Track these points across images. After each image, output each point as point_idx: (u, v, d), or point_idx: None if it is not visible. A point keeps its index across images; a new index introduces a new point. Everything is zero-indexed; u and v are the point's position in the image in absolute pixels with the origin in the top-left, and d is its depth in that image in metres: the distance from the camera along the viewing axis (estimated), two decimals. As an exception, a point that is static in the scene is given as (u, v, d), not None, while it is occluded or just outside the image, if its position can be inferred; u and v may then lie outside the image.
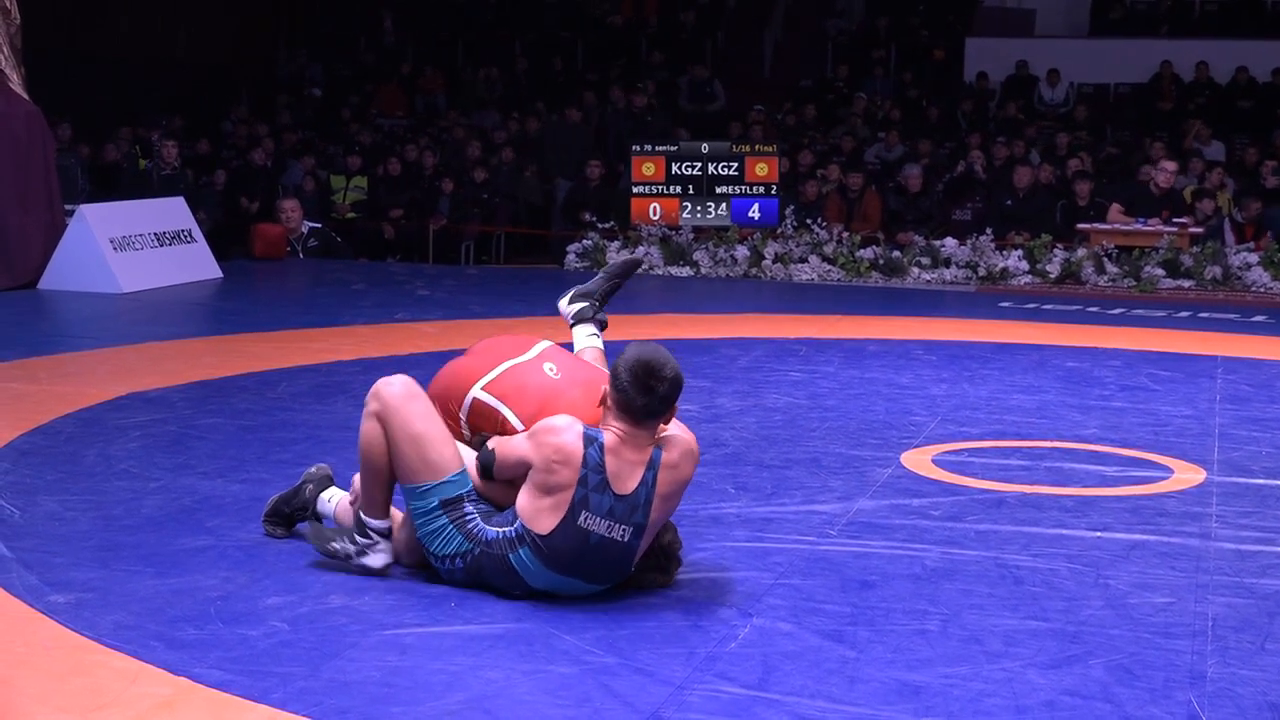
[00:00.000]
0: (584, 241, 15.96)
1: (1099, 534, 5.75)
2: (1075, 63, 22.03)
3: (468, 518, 4.81)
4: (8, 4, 12.92)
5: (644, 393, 4.69)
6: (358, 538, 5.00)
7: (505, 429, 5.03)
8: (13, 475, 6.29)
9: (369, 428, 4.98)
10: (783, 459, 6.93)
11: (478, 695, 4.02)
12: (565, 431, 4.71)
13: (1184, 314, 12.84)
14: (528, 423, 4.95)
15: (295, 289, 13.64)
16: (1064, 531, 5.75)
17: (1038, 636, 4.58)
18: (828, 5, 24.76)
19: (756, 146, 16.36)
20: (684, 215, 15.97)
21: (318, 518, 5.36)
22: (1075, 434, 7.65)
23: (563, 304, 5.88)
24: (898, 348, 10.38)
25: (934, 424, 7.81)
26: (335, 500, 5.35)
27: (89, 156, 18.12)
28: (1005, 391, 8.81)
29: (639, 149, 16.25)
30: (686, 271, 15.40)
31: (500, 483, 4.89)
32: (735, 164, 15.96)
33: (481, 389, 5.12)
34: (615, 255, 15.66)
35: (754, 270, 15.27)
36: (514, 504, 4.78)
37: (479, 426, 5.11)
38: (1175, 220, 15.14)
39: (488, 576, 4.81)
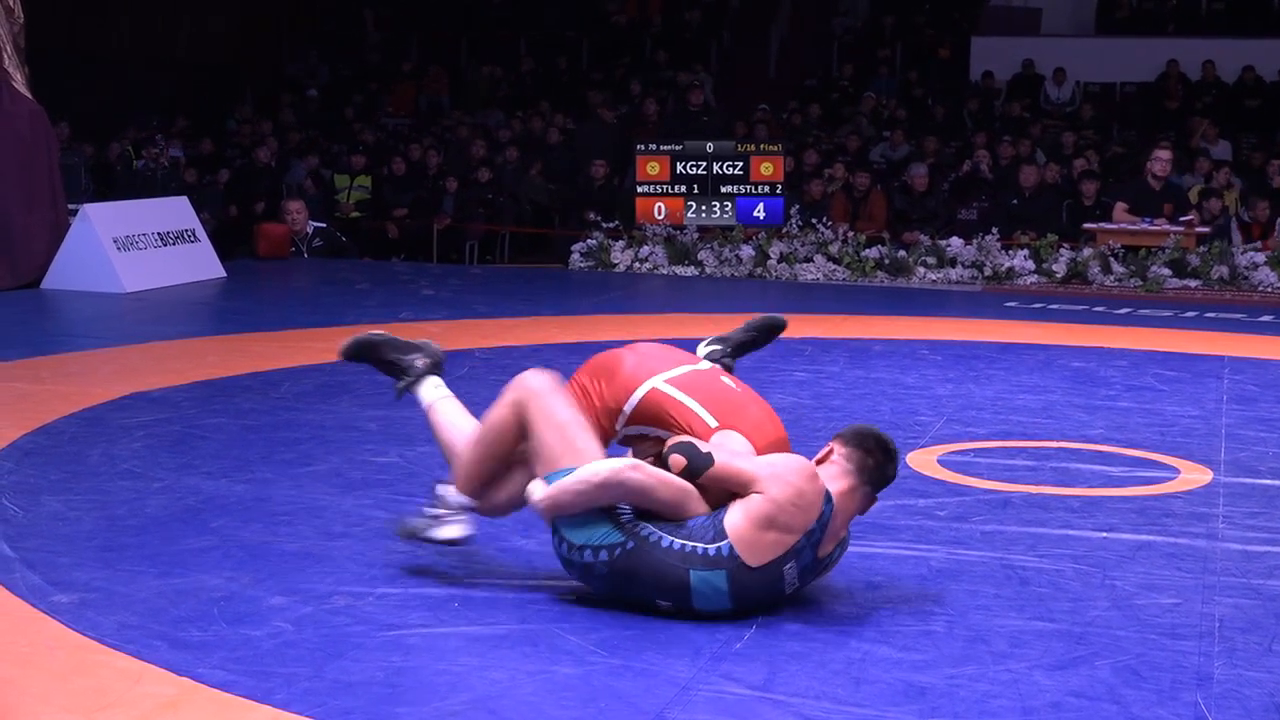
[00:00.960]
0: (588, 241, 15.94)
1: (1105, 535, 5.73)
2: (1081, 62, 22.00)
3: (621, 511, 4.68)
4: (11, 3, 12.92)
5: (893, 466, 4.79)
6: (435, 509, 4.98)
7: (688, 425, 4.86)
8: (16, 475, 6.28)
9: (503, 414, 4.92)
10: (788, 459, 6.89)
11: (482, 696, 4.02)
12: (813, 480, 4.62)
13: (1191, 314, 12.81)
14: (721, 421, 4.87)
15: (299, 288, 13.64)
16: (1070, 532, 5.74)
17: (1044, 637, 4.57)
18: (833, 4, 24.72)
19: (761, 146, 16.36)
20: (689, 215, 15.96)
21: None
22: (1081, 434, 7.63)
23: (701, 347, 5.85)
24: (903, 347, 10.36)
25: (939, 424, 7.79)
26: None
27: (92, 156, 18.13)
28: (1011, 391, 8.79)
29: (644, 148, 16.23)
30: (691, 271, 15.38)
31: (675, 488, 4.70)
32: (740, 163, 15.95)
33: (665, 381, 4.98)
34: (620, 255, 15.64)
35: (759, 270, 15.25)
36: (681, 516, 4.66)
37: (653, 419, 4.94)
38: (1181, 219, 15.10)
39: (635, 578, 4.62)
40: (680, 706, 3.98)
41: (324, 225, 15.77)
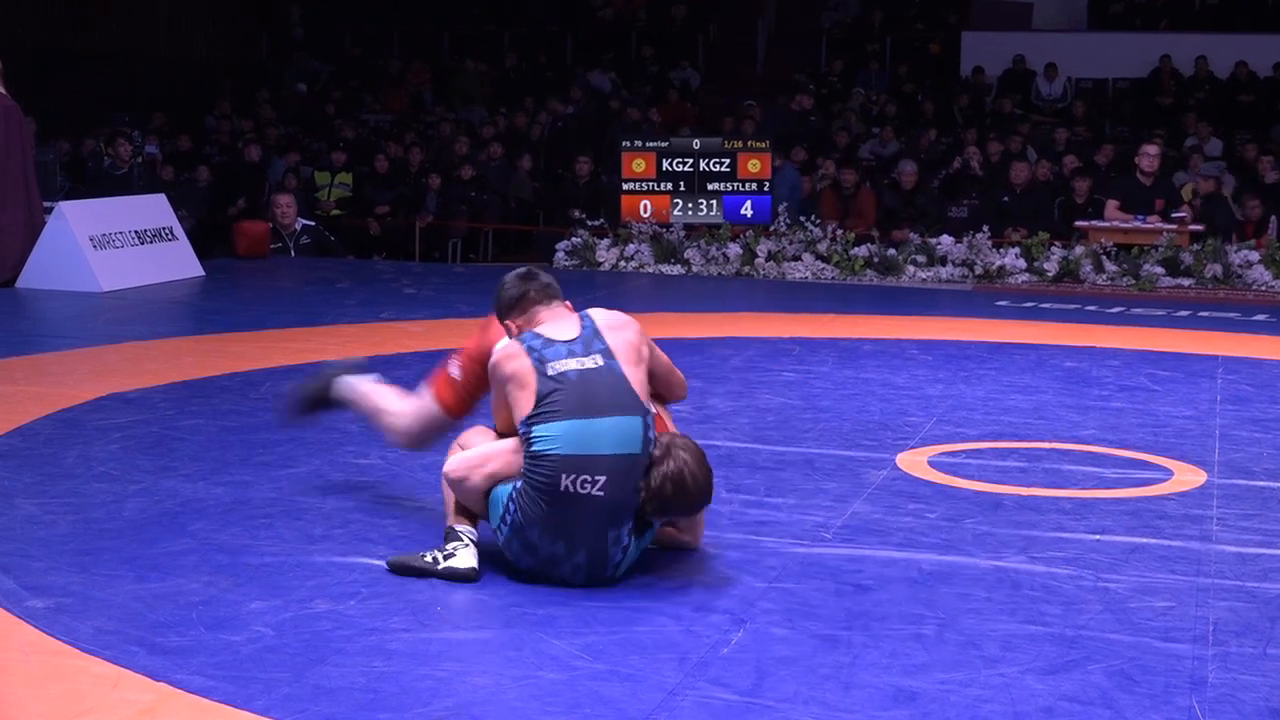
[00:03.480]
0: (573, 239, 15.86)
1: (1098, 537, 5.69)
2: (1073, 57, 21.98)
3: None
4: None
5: (520, 283, 5.27)
6: (445, 546, 5.04)
7: None
8: (-9, 478, 6.23)
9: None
10: (776, 460, 6.86)
11: (465, 702, 3.98)
12: (496, 350, 5.14)
13: (1184, 313, 12.78)
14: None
15: (279, 288, 13.55)
16: (1062, 534, 5.70)
17: (1036, 641, 4.53)
18: (821, -3, 24.72)
19: (749, 142, 16.28)
20: (675, 212, 15.90)
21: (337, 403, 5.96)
22: (1073, 435, 7.58)
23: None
24: (893, 347, 10.32)
25: (930, 425, 7.75)
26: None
27: (68, 153, 18.04)
28: (1002, 392, 8.74)
29: (629, 145, 16.17)
30: (678, 270, 15.32)
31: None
32: (727, 160, 15.90)
33: None
34: (605, 253, 15.59)
35: (746, 268, 15.19)
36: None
37: None
38: (1174, 215, 15.07)
39: (536, 504, 4.87)
40: (667, 712, 3.94)
41: (313, 223, 15.69)
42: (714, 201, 15.91)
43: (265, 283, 13.74)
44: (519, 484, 4.88)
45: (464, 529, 5.05)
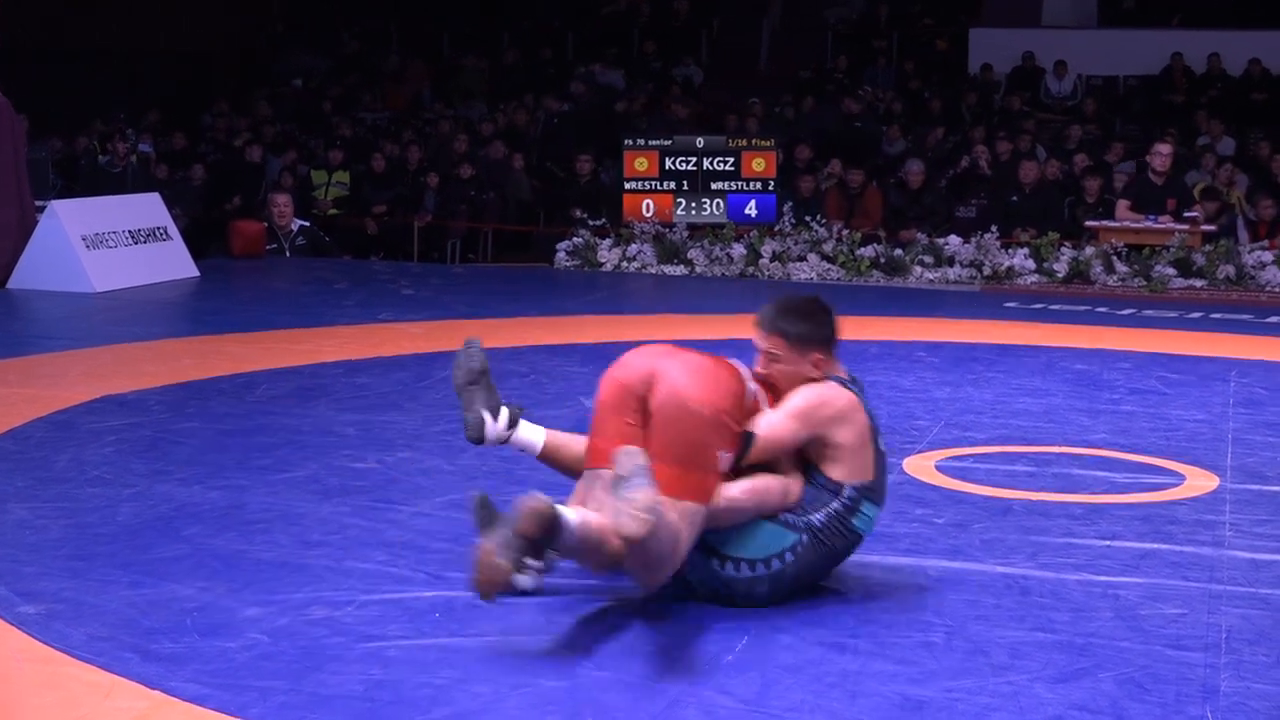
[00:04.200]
0: (574, 239, 15.80)
1: (1108, 543, 5.64)
2: (1083, 54, 21.90)
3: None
4: None
5: (833, 315, 5.08)
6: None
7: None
8: (-18, 481, 6.19)
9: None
10: (783, 463, 6.79)
11: (464, 710, 3.93)
12: (835, 394, 4.90)
13: (1196, 315, 12.73)
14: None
15: (275, 288, 13.50)
16: (1072, 540, 5.64)
17: (1045, 649, 4.48)
18: (827, -8, 24.66)
19: (753, 140, 16.22)
20: (678, 212, 15.83)
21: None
22: (1083, 439, 7.53)
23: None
24: (900, 349, 10.27)
25: (937, 428, 7.69)
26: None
27: (60, 151, 18.00)
28: (1011, 395, 8.69)
29: (631, 143, 16.10)
30: (681, 270, 15.25)
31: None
32: (731, 159, 15.84)
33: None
34: (607, 253, 15.52)
35: (751, 269, 15.13)
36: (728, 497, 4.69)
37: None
38: (1186, 214, 15.01)
39: (814, 565, 4.83)
40: (669, 720, 3.88)
41: (308, 224, 15.63)
42: (718, 201, 15.84)
43: (261, 283, 13.69)
44: (804, 538, 4.78)
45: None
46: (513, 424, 5.06)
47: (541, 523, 4.18)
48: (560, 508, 4.28)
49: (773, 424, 4.80)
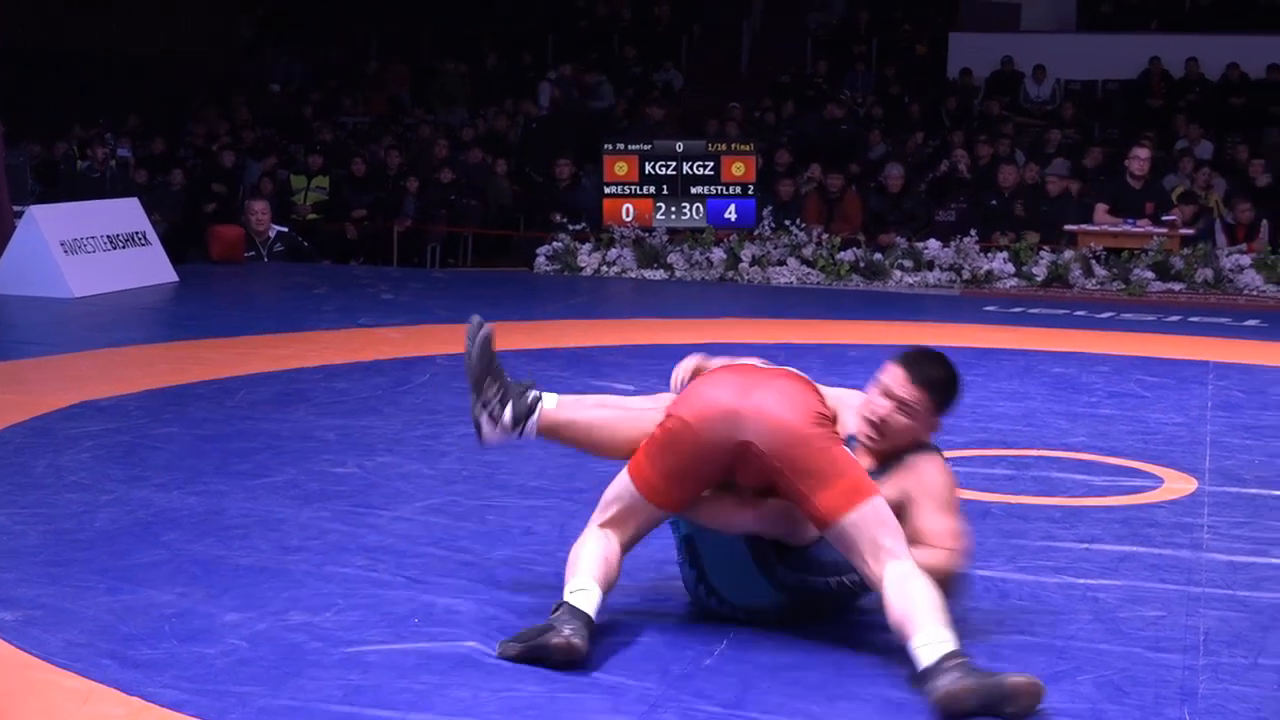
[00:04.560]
0: (554, 244, 15.77)
1: (1087, 546, 5.64)
2: (1062, 59, 21.93)
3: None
4: None
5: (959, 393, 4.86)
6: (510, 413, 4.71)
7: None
8: (-40, 488, 6.16)
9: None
10: (762, 468, 6.78)
11: (443, 715, 3.92)
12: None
13: (1174, 318, 12.74)
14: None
15: (254, 293, 13.45)
16: (1051, 543, 5.65)
17: (1024, 651, 4.48)
18: (808, -2, 24.66)
19: (733, 145, 16.20)
20: (658, 216, 15.80)
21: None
22: (1062, 442, 7.54)
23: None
24: (880, 353, 10.12)
25: (917, 431, 7.66)
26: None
27: (38, 156, 17.94)
28: (990, 398, 8.68)
29: (611, 148, 16.07)
30: (660, 275, 15.24)
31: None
32: (711, 163, 15.81)
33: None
34: (587, 258, 15.50)
35: (730, 273, 15.13)
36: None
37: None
38: (1164, 218, 15.03)
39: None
40: (649, 725, 3.87)
41: (286, 229, 15.59)
42: (697, 205, 15.82)
43: (240, 288, 13.64)
44: None
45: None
46: (518, 420, 4.77)
47: None
48: None
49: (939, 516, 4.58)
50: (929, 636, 4.10)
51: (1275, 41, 21.41)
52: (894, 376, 4.70)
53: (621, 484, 4.56)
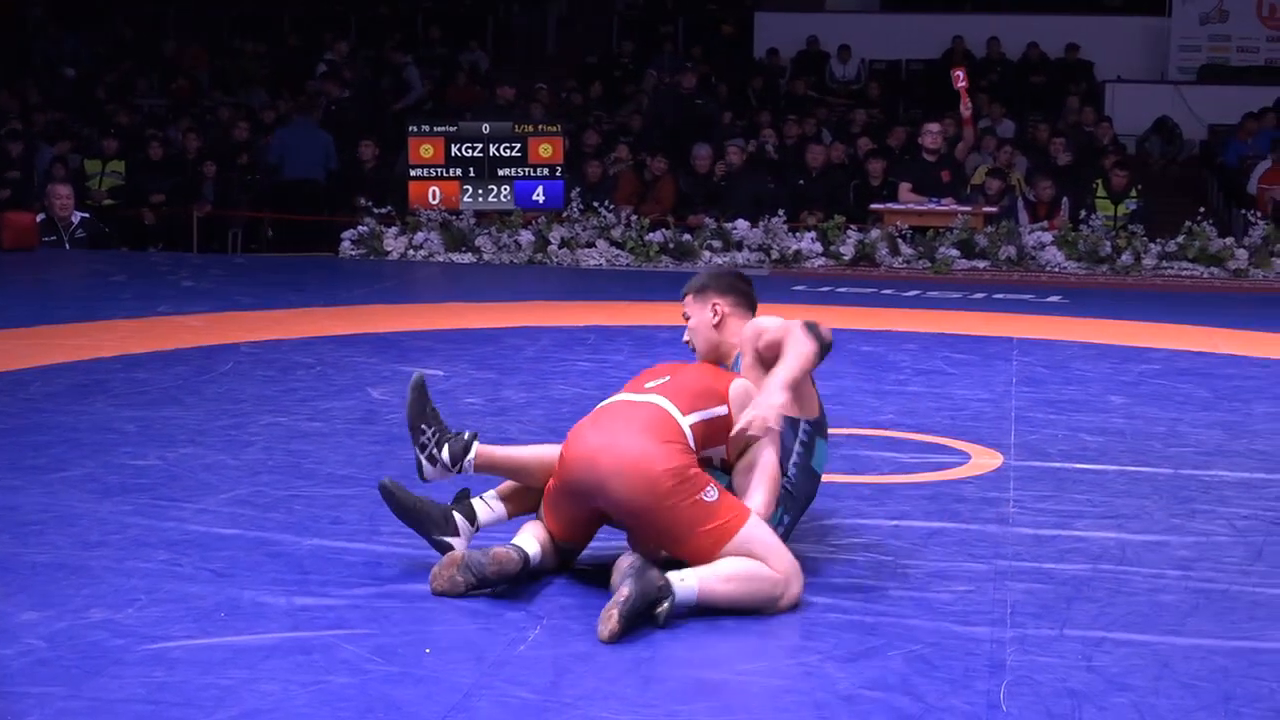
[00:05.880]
0: (359, 228, 15.62)
1: (896, 523, 5.69)
2: (867, 39, 22.20)
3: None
4: None
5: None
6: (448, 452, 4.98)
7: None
8: None
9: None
10: (572, 451, 6.75)
11: (251, 710, 3.84)
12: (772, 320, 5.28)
13: (979, 295, 12.93)
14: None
15: (49, 282, 13.11)
16: (861, 521, 5.68)
17: (836, 629, 4.50)
18: (613, -23, 24.68)
19: (540, 126, 16.14)
20: (465, 199, 15.72)
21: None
22: (871, 420, 7.59)
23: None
24: (690, 334, 10.25)
25: (726, 411, 7.68)
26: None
27: None
28: (799, 376, 8.70)
29: (416, 130, 15.94)
30: (469, 258, 15.17)
31: None
32: (518, 145, 15.74)
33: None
34: (393, 242, 15.36)
35: (539, 256, 15.10)
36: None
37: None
38: (969, 193, 15.26)
39: (796, 518, 5.19)
40: (463, 713, 3.84)
41: (88, 215, 15.27)
42: (505, 187, 15.75)
43: (34, 276, 13.30)
44: (784, 505, 5.10)
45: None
46: (455, 460, 4.99)
47: None
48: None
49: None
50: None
51: (1074, 21, 21.91)
52: (683, 307, 5.46)
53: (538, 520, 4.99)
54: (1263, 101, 20.07)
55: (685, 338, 5.43)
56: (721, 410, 4.91)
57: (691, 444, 4.77)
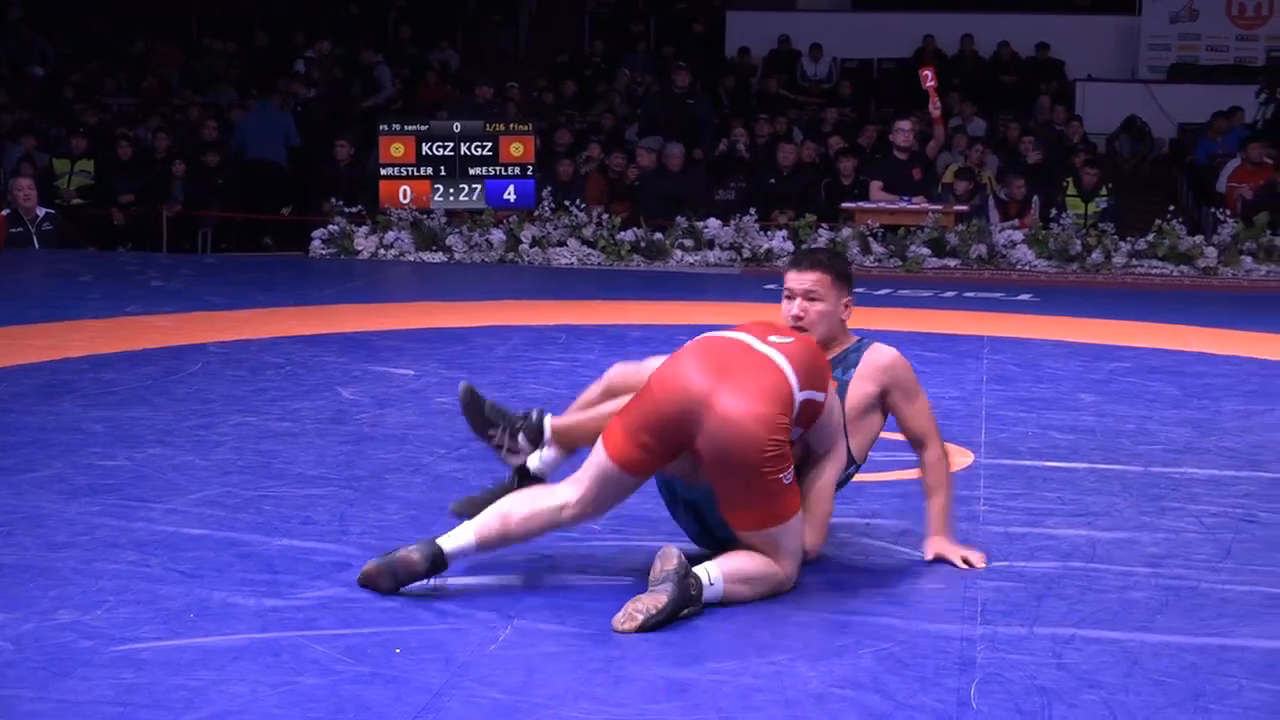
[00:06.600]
0: (330, 227, 15.58)
1: (868, 521, 5.69)
2: (838, 37, 22.20)
3: None
4: None
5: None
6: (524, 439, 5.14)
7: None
8: None
9: None
10: (543, 451, 6.74)
11: (221, 711, 3.82)
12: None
13: (950, 293, 12.95)
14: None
15: (16, 281, 13.03)
16: (832, 519, 5.63)
17: (806, 628, 4.51)
18: (578, -23, 24.65)
19: (511, 125, 16.12)
20: (435, 198, 15.70)
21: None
22: (842, 417, 7.57)
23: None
24: (661, 333, 10.26)
25: (699, 409, 7.67)
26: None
27: None
28: (770, 376, 8.70)
29: (387, 128, 15.91)
30: (440, 257, 15.16)
31: None
32: (489, 144, 15.73)
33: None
34: (364, 241, 15.35)
35: (510, 255, 15.08)
36: None
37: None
38: (940, 192, 15.29)
39: None
40: (433, 714, 3.83)
41: (52, 210, 15.22)
42: (476, 186, 15.73)
43: (1, 276, 13.22)
44: None
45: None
46: (535, 443, 5.18)
47: None
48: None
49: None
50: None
51: (1045, 20, 21.97)
52: (789, 279, 5.28)
53: (595, 448, 4.82)
54: (1232, 100, 20.12)
55: (798, 312, 5.24)
56: (820, 398, 4.83)
57: (794, 420, 4.71)
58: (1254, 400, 8.38)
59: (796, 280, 5.28)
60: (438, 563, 4.65)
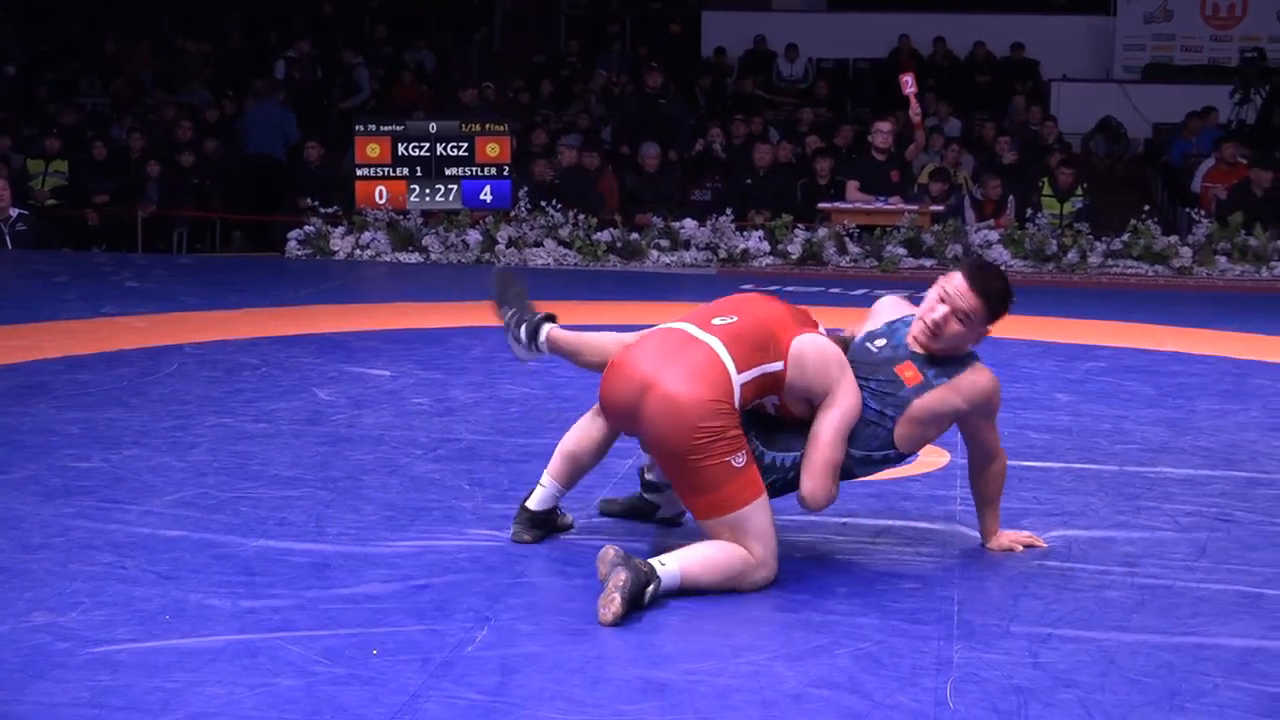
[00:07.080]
0: (305, 228, 15.55)
1: (844, 521, 5.68)
2: (814, 37, 22.25)
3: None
4: None
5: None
6: (524, 331, 5.53)
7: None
8: None
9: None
10: (520, 452, 6.74)
11: (197, 713, 3.82)
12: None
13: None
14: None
15: (-13, 282, 13.03)
16: (809, 518, 5.65)
17: (784, 628, 4.51)
18: (559, -24, 24.66)
19: (487, 125, 16.09)
20: (411, 199, 15.67)
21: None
22: (817, 417, 7.57)
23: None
24: (637, 334, 10.24)
25: (675, 410, 7.66)
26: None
27: None
28: (746, 375, 8.69)
29: (363, 129, 15.88)
30: (416, 258, 15.13)
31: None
32: (465, 144, 15.69)
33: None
34: (340, 241, 15.31)
35: (487, 255, 15.06)
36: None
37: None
38: (916, 192, 15.31)
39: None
40: (410, 715, 3.83)
41: (26, 211, 15.16)
42: (452, 187, 15.71)
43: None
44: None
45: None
46: (531, 338, 5.55)
47: None
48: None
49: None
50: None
51: (1020, 20, 22.02)
52: (956, 284, 5.16)
53: None
54: (1206, 100, 20.19)
55: (939, 320, 5.15)
56: (777, 366, 4.91)
57: (737, 403, 4.79)
58: (1229, 400, 8.40)
59: (959, 294, 5.16)
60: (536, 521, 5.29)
